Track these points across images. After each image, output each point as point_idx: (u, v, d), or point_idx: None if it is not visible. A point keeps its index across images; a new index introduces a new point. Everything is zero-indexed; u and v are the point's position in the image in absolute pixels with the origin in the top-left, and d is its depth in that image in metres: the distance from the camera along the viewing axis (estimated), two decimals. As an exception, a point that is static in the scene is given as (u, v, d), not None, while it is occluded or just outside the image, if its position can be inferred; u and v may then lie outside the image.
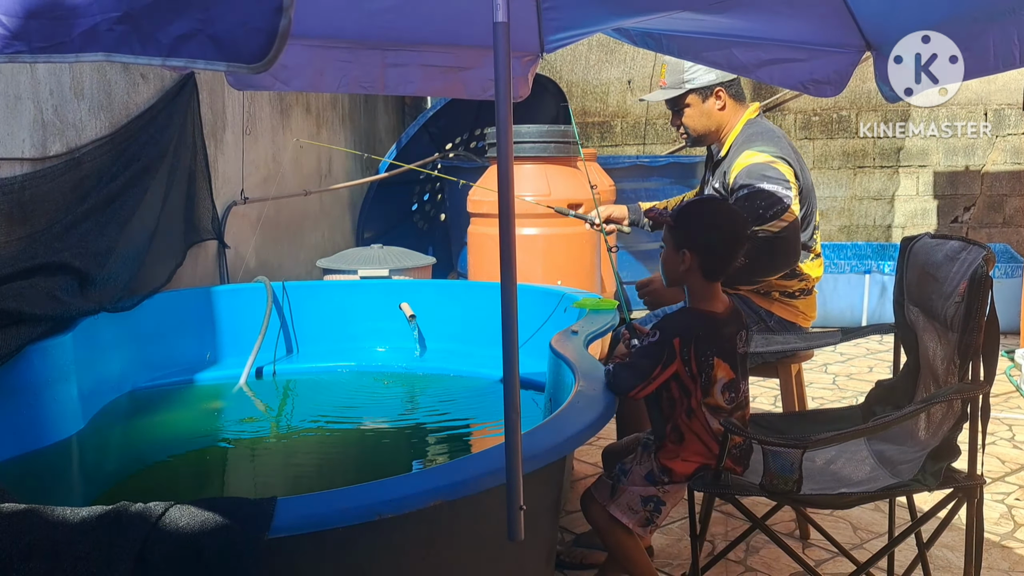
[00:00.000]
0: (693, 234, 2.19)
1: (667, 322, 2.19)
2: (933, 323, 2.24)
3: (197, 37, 0.99)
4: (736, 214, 2.28)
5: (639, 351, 2.19)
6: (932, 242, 2.31)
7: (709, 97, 2.96)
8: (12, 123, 3.13)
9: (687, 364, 2.14)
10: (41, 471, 2.76)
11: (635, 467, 2.24)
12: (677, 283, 2.25)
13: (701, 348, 2.15)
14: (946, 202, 7.36)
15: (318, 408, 3.45)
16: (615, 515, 2.21)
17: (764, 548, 2.76)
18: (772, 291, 2.90)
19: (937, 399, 2.04)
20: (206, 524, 1.50)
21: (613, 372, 2.21)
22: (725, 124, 2.98)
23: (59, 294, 3.02)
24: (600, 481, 2.31)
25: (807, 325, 2.97)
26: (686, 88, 2.96)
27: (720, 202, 2.63)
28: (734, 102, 2.98)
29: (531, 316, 3.59)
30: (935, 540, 2.15)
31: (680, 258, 2.18)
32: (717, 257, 2.19)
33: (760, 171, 2.75)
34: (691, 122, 3.00)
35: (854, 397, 4.53)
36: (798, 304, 2.92)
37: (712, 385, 2.16)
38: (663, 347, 2.13)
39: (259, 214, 5.04)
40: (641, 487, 2.21)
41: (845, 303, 6.12)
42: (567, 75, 7.81)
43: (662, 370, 2.14)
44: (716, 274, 2.20)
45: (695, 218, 2.24)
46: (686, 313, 2.26)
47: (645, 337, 2.22)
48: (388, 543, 1.67)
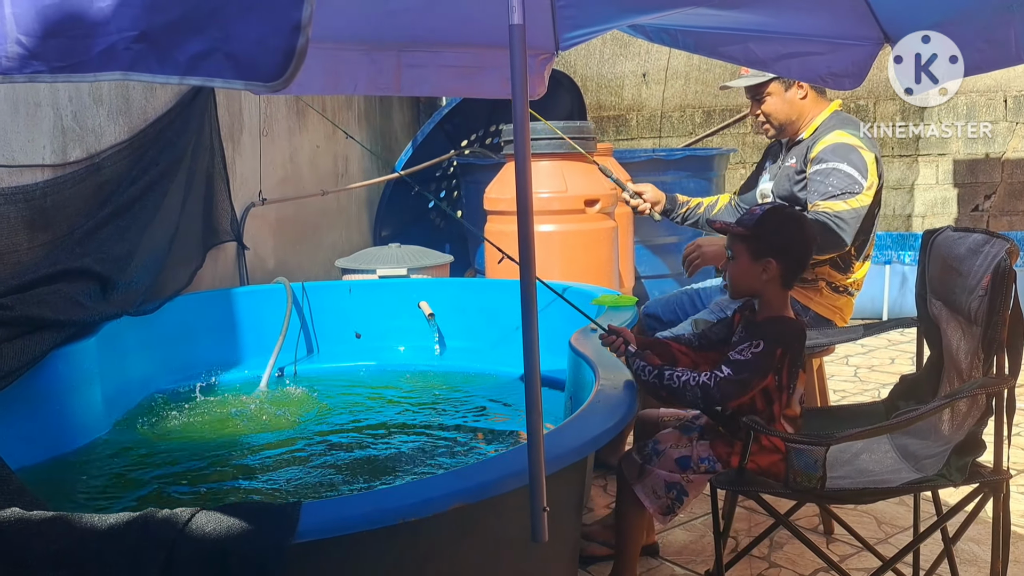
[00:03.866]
0: (778, 242, 2.15)
1: (768, 331, 2.11)
2: (957, 317, 2.22)
3: (214, 55, 0.98)
4: (809, 221, 2.29)
5: (745, 363, 2.06)
6: (955, 235, 2.29)
7: (792, 86, 2.96)
8: (33, 130, 3.16)
9: (778, 374, 2.12)
10: (67, 475, 2.78)
11: (669, 450, 2.22)
12: (752, 293, 2.21)
13: (795, 359, 2.14)
14: (966, 190, 7.29)
15: (341, 408, 3.46)
16: (639, 495, 2.20)
17: (788, 544, 2.75)
18: (819, 279, 2.87)
19: (961, 394, 2.02)
20: (232, 530, 1.51)
21: (718, 387, 2.06)
22: (807, 114, 2.97)
23: (82, 299, 3.05)
24: (629, 457, 2.28)
25: (843, 325, 2.96)
26: (770, 76, 2.95)
27: (795, 210, 2.62)
28: (816, 94, 2.98)
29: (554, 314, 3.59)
30: (961, 534, 2.13)
31: (762, 267, 2.14)
32: (800, 265, 2.20)
33: (846, 152, 2.77)
34: (772, 109, 2.99)
35: (876, 389, 4.50)
36: (840, 303, 2.91)
37: (794, 395, 2.16)
38: (769, 358, 2.08)
39: (277, 215, 5.06)
40: (668, 472, 2.18)
41: (865, 294, 5.99)
42: (581, 69, 7.78)
43: (762, 381, 2.11)
44: (792, 282, 2.20)
45: (779, 226, 2.18)
46: (783, 323, 2.17)
47: (743, 346, 2.09)
48: (412, 546, 1.68)
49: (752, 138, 7.63)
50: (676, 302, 3.25)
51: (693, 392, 2.07)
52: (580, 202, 4.41)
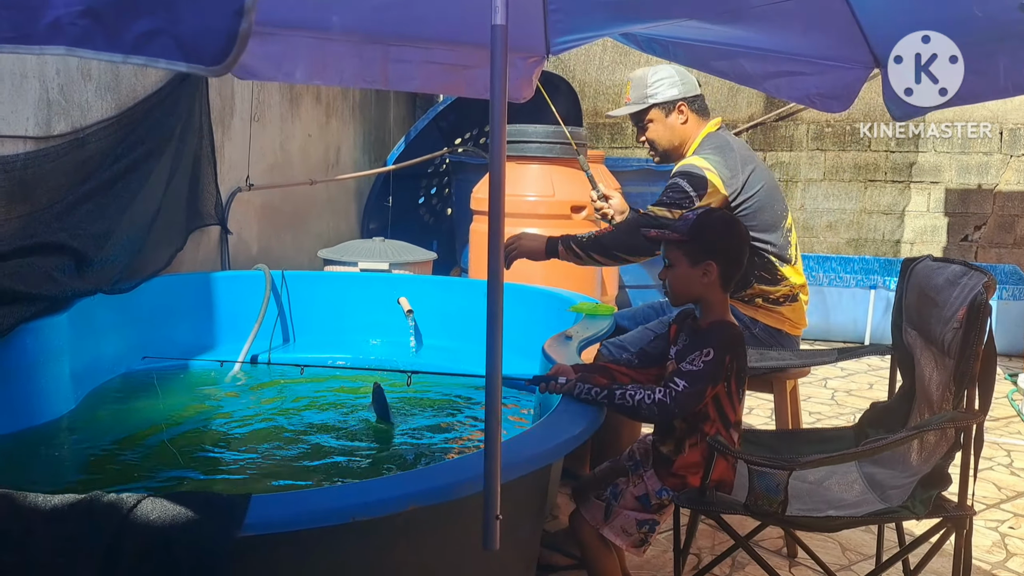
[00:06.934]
0: (715, 244, 2.15)
1: (716, 338, 2.09)
2: (931, 347, 2.21)
3: (160, 36, 0.97)
4: (740, 222, 2.28)
5: (698, 373, 2.04)
6: (934, 265, 2.28)
7: (672, 112, 3.00)
8: (17, 101, 3.12)
9: (727, 382, 2.11)
10: (28, 451, 2.75)
11: (628, 489, 2.19)
12: (693, 299, 2.20)
13: (741, 364, 2.13)
14: (957, 220, 7.30)
15: (309, 400, 3.42)
16: (608, 537, 2.17)
17: (750, 564, 2.73)
18: (755, 298, 2.88)
19: (930, 426, 2.01)
20: (177, 518, 1.48)
21: (675, 402, 2.03)
22: (688, 138, 3.01)
23: (56, 274, 3.01)
24: (591, 503, 2.23)
25: (796, 333, 2.93)
26: (648, 103, 3.01)
27: (726, 212, 2.61)
28: (696, 116, 3.02)
29: (530, 318, 3.57)
30: (924, 566, 2.12)
31: (702, 271, 2.14)
32: (738, 264, 2.20)
33: (687, 170, 2.84)
34: (655, 136, 3.05)
35: (852, 414, 4.49)
36: (783, 311, 2.89)
37: (740, 402, 2.15)
38: (720, 366, 2.06)
39: (264, 201, 5.03)
40: (636, 511, 2.16)
41: (849, 317, 6.07)
42: (580, 75, 7.77)
43: (714, 389, 2.09)
44: (731, 284, 2.19)
45: (713, 228, 2.18)
46: (728, 328, 2.15)
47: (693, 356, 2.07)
48: (364, 545, 1.65)
49: (747, 154, 7.63)
50: (641, 314, 3.24)
51: (649, 409, 2.05)
52: (567, 207, 4.39)
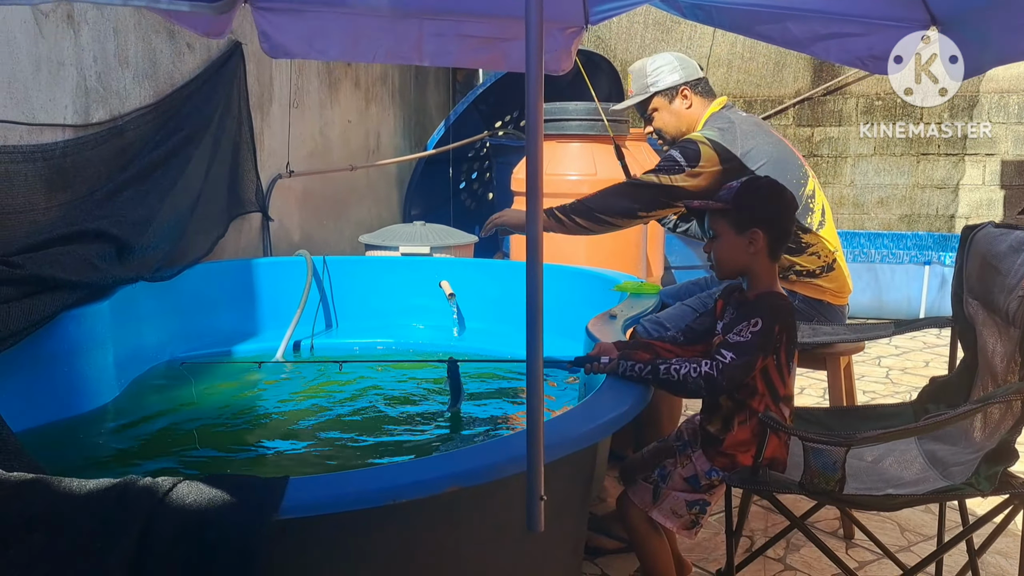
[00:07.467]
0: (761, 212, 2.06)
1: (764, 308, 2.00)
2: (994, 317, 2.11)
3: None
4: (786, 189, 2.18)
5: (746, 344, 1.96)
6: (996, 231, 2.17)
7: (675, 97, 2.93)
8: (55, 89, 3.12)
9: (777, 354, 2.02)
10: (71, 439, 2.75)
11: (677, 470, 2.12)
12: (740, 270, 2.10)
13: (792, 336, 2.04)
14: (1014, 192, 7.06)
15: (353, 384, 3.40)
16: (658, 519, 2.11)
17: (806, 546, 2.65)
18: (788, 273, 2.76)
19: (995, 398, 1.91)
20: (213, 502, 1.45)
21: (722, 374, 1.96)
22: (695, 122, 2.92)
23: (96, 262, 3.01)
24: (639, 485, 2.17)
25: (840, 302, 2.82)
26: (650, 92, 2.94)
27: (770, 179, 2.52)
28: (701, 99, 2.93)
29: (573, 299, 3.51)
30: (988, 547, 2.02)
31: (748, 240, 2.05)
32: (786, 233, 2.12)
33: (682, 143, 2.80)
34: (661, 124, 2.97)
35: (908, 393, 4.36)
36: (822, 282, 2.78)
37: (791, 375, 2.07)
38: (769, 336, 1.98)
39: (305, 188, 5.02)
40: (685, 492, 2.10)
41: (902, 295, 5.91)
42: (621, 54, 7.65)
43: (764, 360, 2.00)
44: (779, 252, 2.10)
45: (758, 195, 2.09)
46: (777, 298, 2.06)
47: (740, 327, 1.99)
48: (404, 527, 1.61)
49: (794, 131, 7.46)
50: (685, 290, 3.16)
51: (696, 383, 1.98)
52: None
